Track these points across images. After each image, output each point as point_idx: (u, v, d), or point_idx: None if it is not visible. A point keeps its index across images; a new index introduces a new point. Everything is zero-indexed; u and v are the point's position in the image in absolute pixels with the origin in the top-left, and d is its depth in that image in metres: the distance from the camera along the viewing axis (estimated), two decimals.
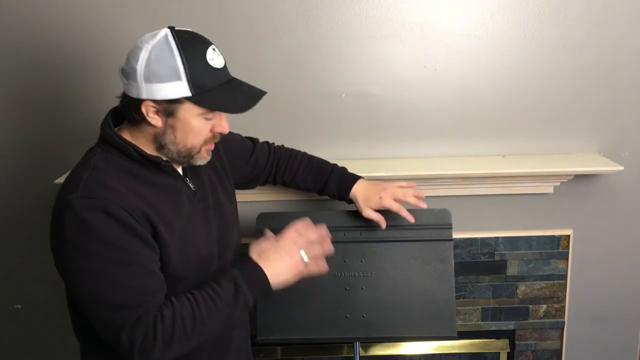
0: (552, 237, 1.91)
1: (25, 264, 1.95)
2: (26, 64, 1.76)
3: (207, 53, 1.14)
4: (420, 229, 1.59)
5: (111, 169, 1.15)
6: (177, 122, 1.15)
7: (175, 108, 1.13)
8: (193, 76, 1.11)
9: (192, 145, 1.19)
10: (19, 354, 2.04)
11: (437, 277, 1.56)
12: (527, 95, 1.82)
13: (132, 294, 1.09)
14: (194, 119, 1.15)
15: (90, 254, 1.07)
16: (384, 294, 1.54)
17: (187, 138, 1.17)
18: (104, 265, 1.08)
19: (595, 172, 1.80)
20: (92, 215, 1.07)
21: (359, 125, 1.83)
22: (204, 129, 1.18)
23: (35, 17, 1.72)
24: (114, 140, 1.17)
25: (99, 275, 1.08)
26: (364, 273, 1.56)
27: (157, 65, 1.10)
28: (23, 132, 1.82)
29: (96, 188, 1.10)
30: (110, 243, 1.07)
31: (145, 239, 1.12)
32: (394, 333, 1.52)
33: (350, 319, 1.49)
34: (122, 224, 1.08)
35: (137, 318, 1.08)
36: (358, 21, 1.75)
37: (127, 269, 1.09)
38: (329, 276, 1.51)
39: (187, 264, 1.20)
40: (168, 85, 1.11)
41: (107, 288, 1.08)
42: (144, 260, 1.11)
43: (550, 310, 1.97)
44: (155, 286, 1.12)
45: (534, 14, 1.75)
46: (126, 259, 1.09)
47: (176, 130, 1.16)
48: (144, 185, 1.17)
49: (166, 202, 1.19)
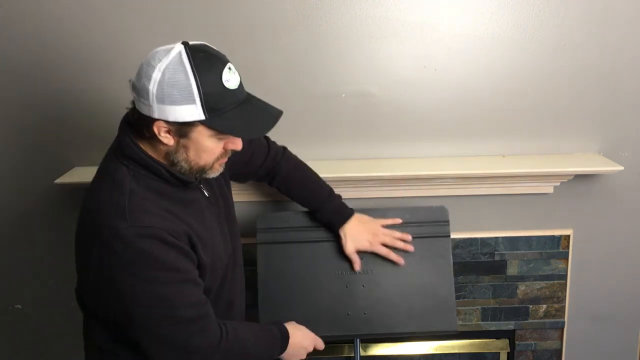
0: (552, 237, 1.91)
1: (25, 264, 1.95)
2: (25, 64, 1.75)
3: (222, 74, 1.11)
4: (418, 226, 1.60)
5: (144, 191, 1.15)
6: (190, 142, 1.14)
7: (188, 130, 1.12)
8: (207, 99, 1.08)
9: (205, 163, 1.18)
10: (19, 354, 2.04)
11: (436, 273, 1.57)
12: (527, 95, 1.81)
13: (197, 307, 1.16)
14: (207, 140, 1.14)
15: (148, 280, 1.10)
16: (384, 291, 1.55)
17: (199, 157, 1.16)
18: (167, 287, 1.12)
19: (595, 172, 1.80)
20: (146, 242, 1.09)
21: (359, 125, 1.83)
22: (217, 148, 1.17)
23: (34, 16, 1.71)
24: (143, 160, 1.16)
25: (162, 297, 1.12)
26: (364, 271, 1.57)
27: (171, 87, 1.07)
28: (23, 132, 1.82)
29: (141, 216, 1.11)
30: (169, 267, 1.12)
31: (191, 257, 1.17)
32: (395, 329, 1.54)
33: (352, 316, 1.51)
34: (174, 248, 1.12)
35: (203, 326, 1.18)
36: (358, 21, 1.74)
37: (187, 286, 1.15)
38: (330, 275, 1.52)
39: (215, 274, 1.25)
40: (181, 108, 1.08)
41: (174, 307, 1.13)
42: (196, 276, 1.18)
43: (550, 310, 1.97)
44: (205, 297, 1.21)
45: (534, 14, 1.75)
46: (184, 277, 1.15)
47: (189, 150, 1.15)
48: (174, 203, 1.18)
49: (194, 217, 1.21)
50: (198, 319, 1.16)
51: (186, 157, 1.16)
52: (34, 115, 1.80)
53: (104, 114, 1.78)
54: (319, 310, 1.53)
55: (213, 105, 1.09)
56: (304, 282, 1.55)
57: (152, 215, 1.12)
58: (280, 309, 1.54)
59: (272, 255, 1.58)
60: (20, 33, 1.73)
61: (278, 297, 1.54)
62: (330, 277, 1.55)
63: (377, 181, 1.78)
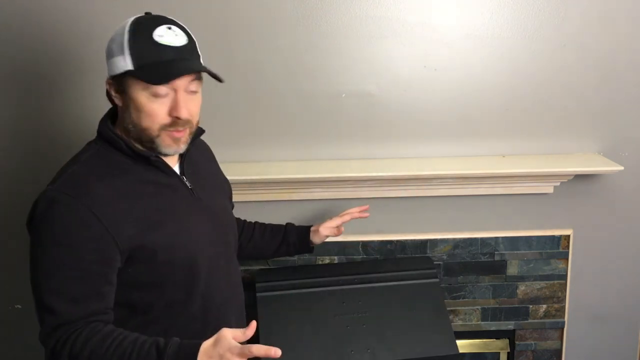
0: (552, 237, 1.91)
1: (25, 264, 1.94)
2: (23, 65, 1.75)
3: (155, 29, 1.14)
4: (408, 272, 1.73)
5: (99, 164, 1.16)
6: (130, 100, 1.15)
7: (124, 84, 1.15)
8: (134, 50, 1.12)
9: (147, 126, 1.16)
10: (19, 354, 2.04)
11: (431, 307, 1.64)
12: (527, 95, 1.81)
13: (61, 299, 1.09)
14: (141, 96, 1.14)
15: (41, 245, 1.11)
16: (384, 328, 1.59)
17: (140, 118, 1.15)
18: (48, 262, 1.10)
19: (595, 172, 1.80)
20: (58, 209, 1.10)
21: (358, 125, 1.83)
22: (156, 110, 1.14)
23: (33, 17, 1.71)
24: (108, 135, 1.18)
25: (41, 269, 1.11)
26: (363, 312, 1.62)
27: (111, 42, 1.16)
28: (23, 133, 1.82)
29: (73, 184, 1.12)
30: (61, 243, 1.09)
31: (100, 247, 1.11)
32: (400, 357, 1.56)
33: (356, 353, 1.54)
34: (82, 225, 1.10)
35: (57, 325, 1.09)
36: (358, 21, 1.74)
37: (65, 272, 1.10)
38: (330, 318, 1.59)
39: (172, 264, 1.19)
40: (115, 60, 1.14)
41: (43, 284, 1.10)
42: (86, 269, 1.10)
43: (550, 310, 1.97)
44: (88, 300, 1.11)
45: (534, 14, 1.75)
46: (69, 263, 1.09)
47: (130, 109, 1.16)
48: (135, 181, 1.17)
49: (158, 199, 1.19)
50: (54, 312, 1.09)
51: (132, 120, 1.16)
52: (33, 116, 1.80)
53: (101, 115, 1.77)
54: (322, 352, 1.56)
55: (139, 55, 1.12)
56: (305, 326, 1.59)
57: (86, 187, 1.12)
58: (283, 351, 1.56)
59: (272, 305, 1.64)
60: (16, 34, 1.73)
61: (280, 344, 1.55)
62: (331, 320, 1.60)
63: (376, 181, 1.78)
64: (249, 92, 1.78)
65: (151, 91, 1.13)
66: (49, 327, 1.09)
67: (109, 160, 1.18)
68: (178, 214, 1.21)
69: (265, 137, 1.83)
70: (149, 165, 1.20)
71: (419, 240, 1.91)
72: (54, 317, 1.09)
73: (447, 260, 1.92)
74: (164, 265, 1.18)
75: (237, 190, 1.78)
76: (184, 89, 1.15)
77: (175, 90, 1.14)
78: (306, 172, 1.75)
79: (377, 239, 1.90)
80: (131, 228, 1.14)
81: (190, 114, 1.17)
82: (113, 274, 1.14)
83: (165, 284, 1.20)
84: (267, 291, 1.67)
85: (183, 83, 1.15)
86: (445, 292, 1.93)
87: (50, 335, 1.09)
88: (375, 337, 1.57)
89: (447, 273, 1.92)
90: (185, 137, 1.20)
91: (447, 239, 1.90)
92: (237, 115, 1.80)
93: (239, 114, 1.80)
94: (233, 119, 1.80)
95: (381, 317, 1.61)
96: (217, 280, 1.29)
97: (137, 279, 1.17)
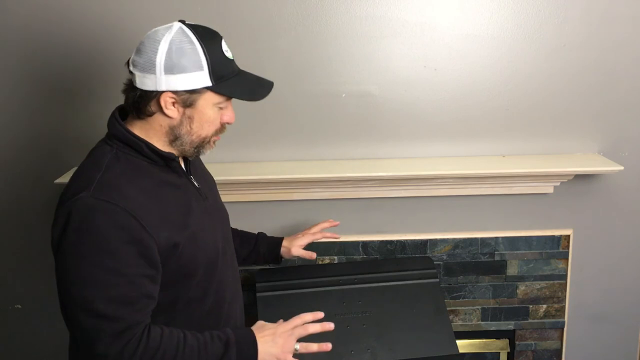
0: (552, 237, 1.91)
1: (25, 264, 1.95)
2: (27, 65, 1.75)
3: (222, 44, 1.18)
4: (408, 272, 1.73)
5: (123, 168, 1.14)
6: (195, 112, 1.16)
7: (195, 98, 1.15)
8: (214, 66, 1.13)
9: (206, 135, 1.20)
10: (19, 354, 2.04)
11: (431, 307, 1.64)
12: (527, 95, 1.81)
13: (116, 305, 1.07)
14: (211, 109, 1.17)
15: (84, 256, 1.07)
16: (384, 328, 1.59)
17: (202, 128, 1.18)
18: (95, 270, 1.06)
19: (595, 172, 1.80)
20: (99, 217, 1.06)
21: (358, 125, 1.83)
22: (217, 119, 1.20)
23: (36, 17, 1.72)
24: (125, 137, 1.16)
25: (87, 278, 1.07)
26: (362, 312, 1.62)
27: (179, 56, 1.11)
28: (23, 133, 1.82)
29: (108, 191, 1.09)
30: (106, 250, 1.07)
31: (144, 250, 1.10)
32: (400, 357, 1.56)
33: (356, 353, 1.54)
34: (126, 232, 1.08)
35: (121, 331, 1.07)
36: (358, 21, 1.74)
37: (116, 279, 1.07)
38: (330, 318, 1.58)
39: (195, 262, 1.21)
40: (191, 76, 1.12)
41: (92, 294, 1.06)
42: (135, 273, 1.09)
43: (550, 310, 1.97)
44: (140, 302, 1.10)
45: (534, 14, 1.75)
46: (117, 269, 1.07)
47: (193, 121, 1.17)
48: (155, 183, 1.17)
49: (177, 200, 1.20)
50: (113, 319, 1.07)
51: (189, 130, 1.17)
52: (33, 115, 1.80)
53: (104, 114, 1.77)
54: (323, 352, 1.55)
55: (218, 72, 1.14)
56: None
57: (119, 194, 1.09)
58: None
59: (272, 304, 1.64)
60: (21, 34, 1.73)
61: None
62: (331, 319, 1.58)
63: (376, 181, 1.78)
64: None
65: (221, 105, 1.18)
66: (110, 335, 1.07)
67: (130, 163, 1.16)
68: (194, 213, 1.22)
69: (265, 137, 1.83)
70: (164, 167, 1.20)
71: (419, 240, 1.91)
72: (115, 323, 1.07)
73: (447, 260, 1.92)
74: (188, 263, 1.19)
75: (237, 190, 1.79)
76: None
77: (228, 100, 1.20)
78: (306, 172, 1.76)
79: (377, 239, 1.90)
80: (164, 229, 1.14)
81: None
82: (158, 275, 1.14)
83: (188, 282, 1.21)
84: (267, 291, 1.67)
85: None
86: (445, 292, 1.93)
87: (115, 341, 1.07)
88: (375, 337, 1.57)
89: (447, 273, 1.92)
90: None
91: (447, 239, 1.90)
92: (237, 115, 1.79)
93: (239, 114, 1.79)
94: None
95: (381, 317, 1.61)
96: (226, 277, 1.32)
97: (165, 279, 1.17)
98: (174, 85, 1.12)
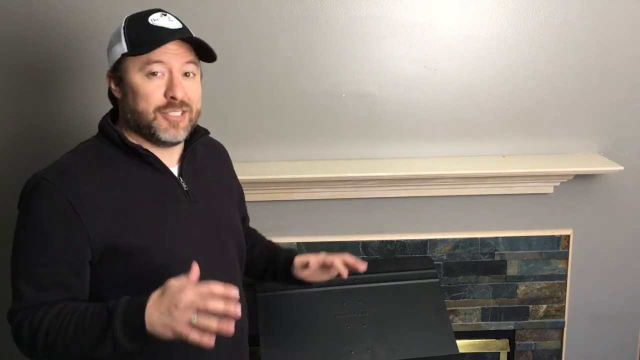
0: (552, 237, 1.91)
1: None
2: (24, 64, 1.75)
3: (151, 15, 1.17)
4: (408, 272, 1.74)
5: (89, 155, 1.17)
6: (127, 86, 1.16)
7: (121, 71, 1.16)
8: (130, 35, 1.15)
9: (143, 109, 1.14)
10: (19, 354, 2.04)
11: (431, 307, 1.65)
12: (527, 95, 1.82)
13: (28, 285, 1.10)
14: (136, 77, 1.14)
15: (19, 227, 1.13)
16: (384, 328, 1.59)
17: (136, 101, 1.14)
18: (22, 245, 1.11)
19: (595, 172, 1.80)
20: (37, 195, 1.11)
21: (358, 125, 1.83)
22: (152, 91, 1.13)
23: (31, 16, 1.71)
24: (104, 127, 1.20)
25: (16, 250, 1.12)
26: (362, 312, 1.63)
27: (111, 35, 1.19)
28: (23, 133, 1.82)
29: (57, 171, 1.13)
30: (36, 228, 1.10)
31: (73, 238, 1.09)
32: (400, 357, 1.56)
33: (356, 353, 1.54)
34: (59, 215, 1.10)
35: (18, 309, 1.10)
36: (358, 21, 1.74)
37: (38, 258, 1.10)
38: (330, 318, 1.57)
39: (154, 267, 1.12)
40: (113, 50, 1.17)
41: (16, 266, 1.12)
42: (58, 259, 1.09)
43: (550, 310, 1.97)
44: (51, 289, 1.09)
45: (534, 14, 1.75)
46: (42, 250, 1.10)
47: (128, 96, 1.16)
48: (123, 177, 1.16)
49: (143, 198, 1.15)
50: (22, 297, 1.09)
51: (130, 107, 1.16)
52: (34, 116, 1.80)
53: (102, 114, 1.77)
54: (322, 352, 1.56)
55: (135, 38, 1.14)
56: (305, 327, 1.59)
57: (69, 177, 1.12)
58: (284, 350, 1.56)
59: (272, 305, 1.64)
60: (16, 33, 1.73)
61: (280, 343, 1.57)
62: (331, 320, 1.61)
63: (377, 181, 1.78)
64: (249, 92, 1.78)
65: (146, 71, 1.13)
66: (13, 309, 1.11)
67: (100, 153, 1.17)
68: (165, 216, 1.17)
69: (265, 137, 1.83)
70: (142, 162, 1.17)
71: (419, 240, 1.91)
72: (18, 301, 1.10)
73: (447, 260, 1.92)
74: (140, 267, 1.13)
75: None
76: (179, 70, 1.15)
77: (170, 71, 1.14)
78: (306, 172, 1.75)
79: (377, 239, 1.90)
80: (108, 223, 1.10)
81: (188, 96, 1.15)
82: (83, 267, 1.11)
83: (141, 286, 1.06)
84: (267, 291, 1.67)
85: (177, 64, 1.15)
86: (445, 292, 1.93)
87: (12, 316, 1.11)
88: (375, 337, 1.57)
89: (447, 273, 1.92)
90: (185, 123, 1.17)
91: (447, 239, 1.90)
92: (237, 115, 1.80)
93: (239, 114, 1.80)
94: (233, 119, 1.80)
95: (381, 317, 1.61)
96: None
97: (110, 278, 1.13)
98: (109, 64, 1.19)
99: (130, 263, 1.13)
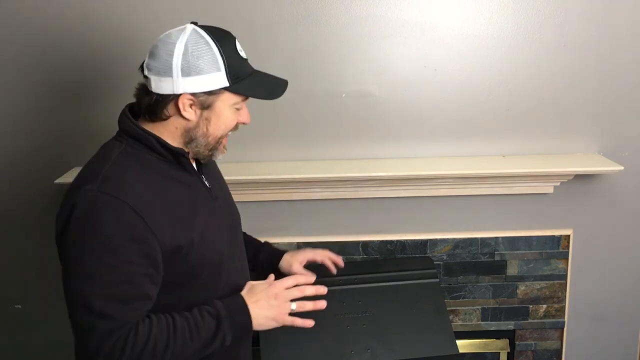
0: (552, 237, 1.91)
1: (25, 264, 1.95)
2: (29, 66, 1.75)
3: (236, 44, 1.17)
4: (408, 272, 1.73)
5: (131, 163, 1.13)
6: (212, 114, 1.16)
7: (213, 100, 1.15)
8: (230, 67, 1.13)
9: (221, 136, 1.20)
10: (19, 354, 2.04)
11: (431, 307, 1.64)
12: (527, 95, 1.82)
13: (112, 303, 1.06)
14: (228, 110, 1.17)
15: (84, 251, 1.06)
16: (384, 328, 1.59)
17: (218, 129, 1.18)
18: (94, 266, 1.05)
19: (595, 172, 1.80)
20: (103, 212, 1.05)
21: (358, 125, 1.83)
22: (233, 120, 1.20)
23: (38, 17, 1.72)
24: (136, 132, 1.15)
25: (85, 273, 1.06)
26: (362, 312, 1.62)
27: (196, 58, 1.11)
28: (23, 133, 1.82)
29: (114, 185, 1.08)
30: (107, 246, 1.05)
31: (147, 249, 1.08)
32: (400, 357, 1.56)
33: (356, 353, 1.54)
34: (129, 229, 1.06)
35: (112, 329, 1.06)
36: (358, 21, 1.74)
37: (114, 276, 1.06)
38: (330, 318, 1.58)
39: (201, 264, 1.18)
40: (208, 77, 1.12)
41: (89, 289, 1.05)
42: (136, 272, 1.08)
43: (550, 310, 1.97)
44: (136, 302, 1.09)
45: (534, 14, 1.75)
46: (117, 267, 1.06)
47: (210, 123, 1.16)
48: (164, 180, 1.15)
49: (185, 198, 1.18)
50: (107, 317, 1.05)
51: (205, 132, 1.17)
52: (34, 116, 1.80)
53: (104, 114, 1.78)
54: (322, 352, 1.55)
55: (235, 72, 1.14)
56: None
57: (125, 188, 1.08)
58: (283, 350, 1.56)
59: None
60: (22, 34, 1.73)
61: (280, 343, 1.56)
62: (331, 319, 1.59)
63: (377, 181, 1.78)
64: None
65: (238, 106, 1.18)
66: (101, 333, 1.05)
67: (139, 159, 1.15)
68: (202, 213, 1.20)
69: (265, 137, 1.83)
70: (174, 164, 1.18)
71: (419, 240, 1.91)
72: (107, 321, 1.05)
73: (447, 260, 1.92)
74: (193, 265, 1.17)
75: (237, 190, 1.78)
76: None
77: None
78: (306, 172, 1.76)
79: (377, 239, 1.90)
80: (168, 228, 1.12)
81: None
82: (158, 275, 1.12)
83: (193, 284, 1.18)
84: None
85: None
86: (445, 292, 1.93)
87: (106, 339, 1.06)
88: (375, 337, 1.57)
89: (447, 273, 1.92)
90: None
91: (447, 239, 1.90)
92: None
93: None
94: None
95: (381, 317, 1.61)
96: (233, 280, 1.28)
97: (169, 280, 1.14)
98: (192, 87, 1.11)
99: (186, 262, 1.16)
